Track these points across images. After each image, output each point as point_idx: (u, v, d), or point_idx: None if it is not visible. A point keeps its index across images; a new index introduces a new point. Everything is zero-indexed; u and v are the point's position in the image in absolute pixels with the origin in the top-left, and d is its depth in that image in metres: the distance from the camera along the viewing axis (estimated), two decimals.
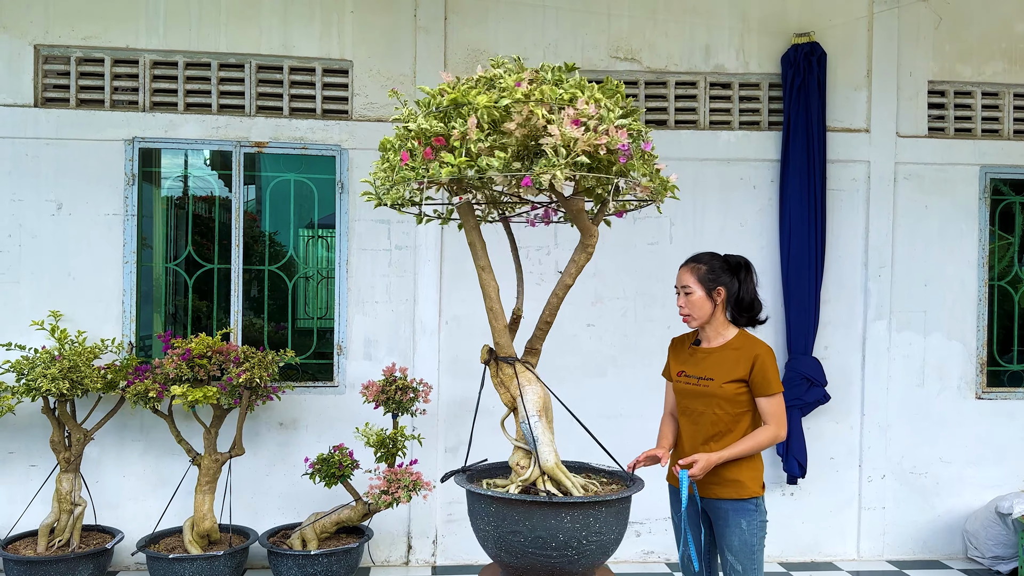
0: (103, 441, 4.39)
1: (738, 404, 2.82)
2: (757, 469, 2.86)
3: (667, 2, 4.76)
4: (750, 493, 2.82)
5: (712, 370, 2.85)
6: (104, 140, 4.44)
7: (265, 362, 4.06)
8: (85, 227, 4.44)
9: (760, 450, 2.82)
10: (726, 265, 2.90)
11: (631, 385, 4.72)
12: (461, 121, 2.10)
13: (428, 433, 4.53)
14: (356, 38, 4.59)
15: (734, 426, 2.83)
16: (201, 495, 4.08)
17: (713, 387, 2.82)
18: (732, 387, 2.81)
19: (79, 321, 4.40)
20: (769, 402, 2.80)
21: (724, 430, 2.83)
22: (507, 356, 2.50)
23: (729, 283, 2.88)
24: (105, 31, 4.46)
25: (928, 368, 4.85)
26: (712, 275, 2.86)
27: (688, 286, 2.86)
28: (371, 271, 4.60)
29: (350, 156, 4.57)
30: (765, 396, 2.80)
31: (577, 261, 2.42)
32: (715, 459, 2.72)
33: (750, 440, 2.78)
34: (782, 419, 2.81)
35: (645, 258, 4.71)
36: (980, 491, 4.85)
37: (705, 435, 2.85)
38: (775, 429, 2.80)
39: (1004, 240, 5.07)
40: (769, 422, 2.81)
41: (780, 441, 2.84)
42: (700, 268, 2.88)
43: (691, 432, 2.90)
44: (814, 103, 4.65)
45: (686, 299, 2.87)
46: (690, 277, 2.87)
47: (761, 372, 2.79)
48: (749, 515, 2.81)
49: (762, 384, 2.79)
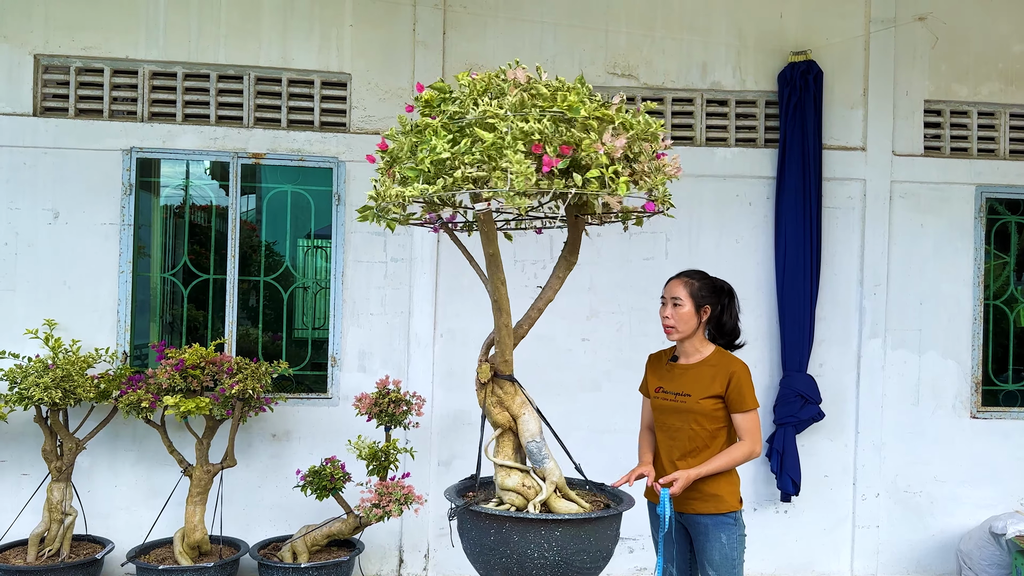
0: (95, 451, 4.39)
1: (715, 420, 2.86)
2: (734, 484, 2.91)
3: (665, 19, 4.79)
4: (729, 507, 2.85)
5: (689, 386, 2.89)
6: (102, 150, 4.46)
7: (258, 373, 4.06)
8: (82, 236, 4.45)
9: (736, 465, 2.87)
10: (714, 286, 2.96)
11: (625, 400, 4.67)
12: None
13: (421, 446, 4.52)
14: (355, 51, 4.62)
15: (711, 442, 2.87)
16: (192, 506, 4.06)
17: (690, 403, 2.87)
18: (709, 403, 2.85)
19: (74, 330, 4.40)
20: (745, 418, 2.85)
21: (701, 446, 2.86)
22: (510, 375, 2.50)
23: (715, 305, 2.94)
24: (105, 41, 4.49)
25: (923, 387, 4.85)
26: (703, 293, 2.92)
27: (679, 298, 2.90)
28: (366, 283, 4.61)
29: (347, 168, 4.59)
30: (741, 412, 2.85)
31: (561, 276, 2.43)
32: (693, 475, 2.76)
33: (726, 456, 2.83)
34: (757, 435, 2.86)
35: (640, 273, 4.71)
36: (974, 511, 4.83)
37: (682, 450, 2.89)
38: (750, 445, 2.85)
39: (1000, 259, 5.08)
40: (744, 438, 2.86)
41: (755, 457, 2.89)
42: (692, 283, 2.92)
43: (668, 447, 2.93)
44: (810, 121, 4.67)
45: (674, 311, 2.90)
46: (682, 290, 2.91)
47: (737, 389, 2.84)
48: (729, 529, 2.85)
49: (738, 400, 2.84)
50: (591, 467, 2.77)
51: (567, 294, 4.64)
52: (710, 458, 2.84)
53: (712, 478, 2.83)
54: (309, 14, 4.59)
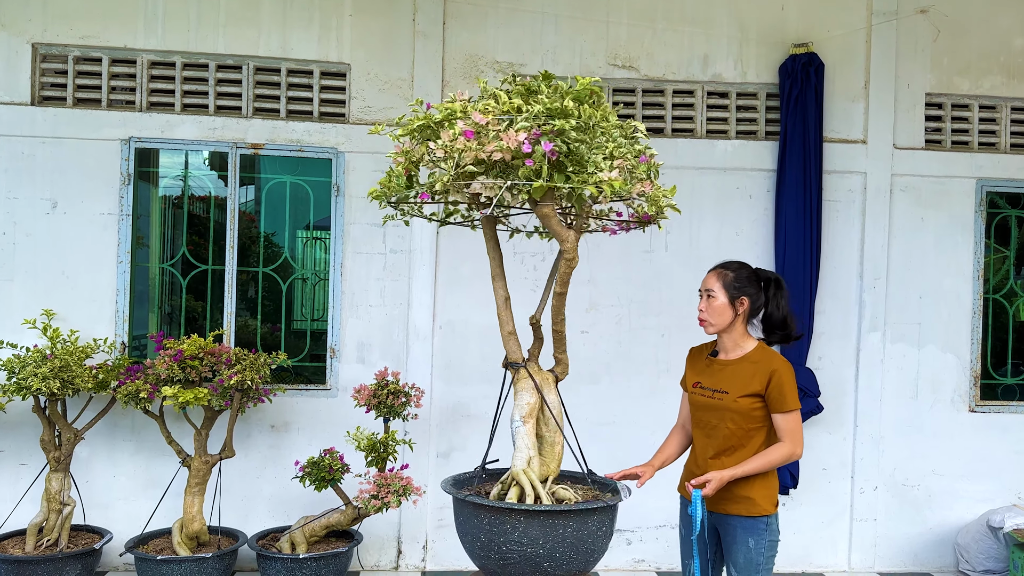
0: (93, 441, 4.38)
1: (752, 419, 2.74)
2: (770, 487, 2.78)
3: (666, 11, 4.76)
4: (760, 511, 2.74)
5: (727, 383, 2.78)
6: (100, 140, 4.44)
7: (257, 364, 4.05)
8: (80, 226, 4.43)
9: (773, 468, 2.75)
10: (755, 277, 2.82)
11: (625, 392, 4.71)
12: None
13: (420, 438, 4.52)
14: (354, 41, 4.59)
15: (747, 441, 2.75)
16: (191, 497, 4.06)
17: (727, 400, 2.75)
18: (747, 401, 2.73)
19: (72, 320, 4.39)
20: (785, 419, 2.72)
21: (737, 445, 2.76)
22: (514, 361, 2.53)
23: (755, 296, 2.80)
24: (103, 31, 4.46)
25: (922, 380, 4.85)
26: (738, 284, 2.78)
27: (712, 290, 2.79)
28: (366, 274, 4.60)
29: (346, 159, 4.57)
30: (781, 412, 2.72)
31: (560, 271, 2.42)
32: (727, 476, 2.66)
33: (763, 457, 2.71)
34: (798, 437, 2.72)
35: (640, 266, 4.70)
36: (972, 504, 4.84)
37: (717, 448, 2.78)
38: (790, 447, 2.71)
39: (1000, 253, 5.07)
40: (784, 439, 2.73)
41: (795, 459, 2.75)
42: (727, 275, 2.80)
43: (703, 445, 2.83)
44: (811, 114, 4.65)
45: (707, 303, 2.79)
46: (715, 282, 2.79)
47: (778, 387, 2.71)
48: (758, 534, 2.74)
49: (778, 400, 2.72)
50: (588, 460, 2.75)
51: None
52: (747, 459, 2.72)
53: (746, 480, 2.72)
54: (309, 3, 4.56)
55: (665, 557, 4.73)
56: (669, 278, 4.71)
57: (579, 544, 2.31)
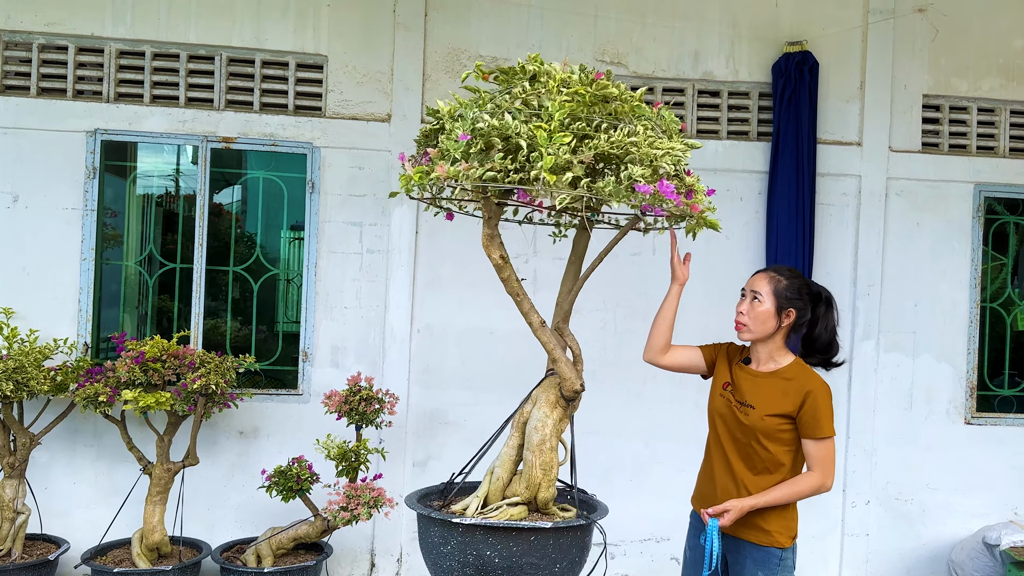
0: (53, 446, 4.18)
1: (779, 441, 2.48)
2: (790, 518, 2.53)
3: (656, 6, 4.61)
4: (774, 543, 2.49)
5: (755, 397, 2.52)
6: (65, 131, 4.25)
7: (222, 368, 3.86)
8: (43, 221, 4.24)
9: (800, 499, 2.50)
10: (807, 289, 2.59)
11: (608, 400, 4.54)
12: None
13: (396, 446, 4.34)
14: (332, 32, 4.42)
15: (773, 466, 2.49)
16: (151, 506, 3.87)
17: (752, 417, 2.49)
18: (774, 422, 2.47)
19: (32, 319, 4.19)
20: (817, 446, 2.45)
21: (761, 467, 2.51)
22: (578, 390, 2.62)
23: (802, 310, 2.56)
24: (70, 18, 4.28)
25: (916, 391, 4.69)
26: (789, 293, 2.54)
27: (760, 293, 2.54)
28: (341, 275, 4.42)
29: (322, 154, 4.39)
30: (814, 439, 2.45)
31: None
32: (748, 506, 2.43)
33: (789, 487, 2.46)
34: (830, 466, 2.45)
35: (626, 269, 4.54)
36: (967, 520, 4.69)
37: (739, 469, 2.53)
38: (820, 477, 2.45)
39: (997, 261, 4.92)
40: (814, 468, 2.46)
41: (824, 492, 2.48)
42: (779, 280, 2.56)
43: (722, 460, 2.58)
44: (805, 114, 4.50)
45: (750, 306, 2.55)
46: (765, 285, 2.56)
47: (812, 411, 2.44)
48: (770, 567, 2.48)
49: (812, 424, 2.44)
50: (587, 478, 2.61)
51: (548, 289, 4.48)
52: (771, 486, 2.46)
53: (765, 508, 2.47)
54: None
55: (650, 574, 4.55)
56: (656, 282, 4.50)
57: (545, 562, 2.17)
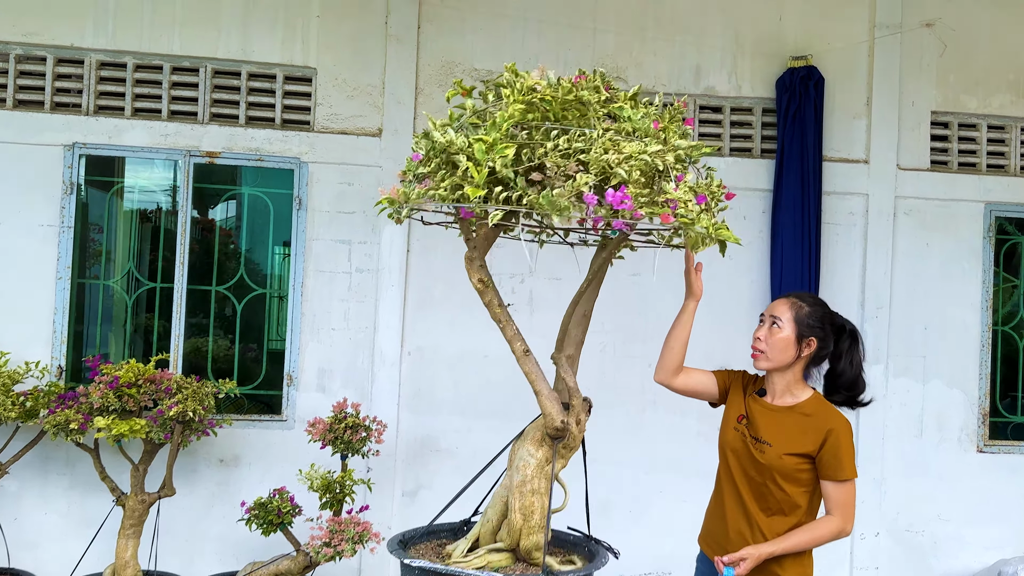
0: (23, 475, 3.98)
1: (796, 482, 2.33)
2: (806, 565, 2.38)
3: (657, 19, 4.47)
4: None
5: (771, 434, 2.37)
6: (42, 144, 4.08)
7: (200, 393, 3.66)
8: (16, 238, 4.05)
9: (819, 546, 2.35)
10: (831, 320, 2.44)
11: (608, 426, 4.33)
12: None
13: (384, 475, 4.14)
14: (322, 44, 4.27)
15: (788, 508, 2.35)
16: (124, 539, 3.66)
17: (769, 456, 2.34)
18: (792, 461, 2.32)
19: (4, 342, 3.99)
20: (838, 488, 2.31)
21: (775, 509, 2.36)
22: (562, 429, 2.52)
23: (823, 340, 2.41)
24: (49, 28, 4.12)
25: (927, 418, 4.52)
26: (811, 322, 2.40)
27: (780, 319, 2.41)
28: (329, 294, 4.24)
29: (310, 170, 4.23)
30: (834, 481, 2.31)
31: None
32: (765, 553, 2.28)
33: (808, 532, 2.32)
34: (851, 510, 2.31)
35: (626, 290, 4.36)
36: (981, 552, 4.50)
37: (753, 510, 2.38)
38: (840, 522, 2.30)
39: (1009, 282, 4.76)
40: (834, 512, 2.31)
41: (844, 537, 2.35)
42: (801, 307, 2.42)
43: (735, 501, 2.43)
44: (810, 131, 4.36)
45: (769, 332, 2.42)
46: (787, 311, 2.42)
47: (834, 451, 2.30)
48: None
49: (833, 466, 2.30)
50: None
51: (546, 311, 4.31)
52: (788, 531, 2.32)
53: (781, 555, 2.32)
54: (273, 2, 4.24)
55: None
56: (656, 304, 4.36)
57: None
